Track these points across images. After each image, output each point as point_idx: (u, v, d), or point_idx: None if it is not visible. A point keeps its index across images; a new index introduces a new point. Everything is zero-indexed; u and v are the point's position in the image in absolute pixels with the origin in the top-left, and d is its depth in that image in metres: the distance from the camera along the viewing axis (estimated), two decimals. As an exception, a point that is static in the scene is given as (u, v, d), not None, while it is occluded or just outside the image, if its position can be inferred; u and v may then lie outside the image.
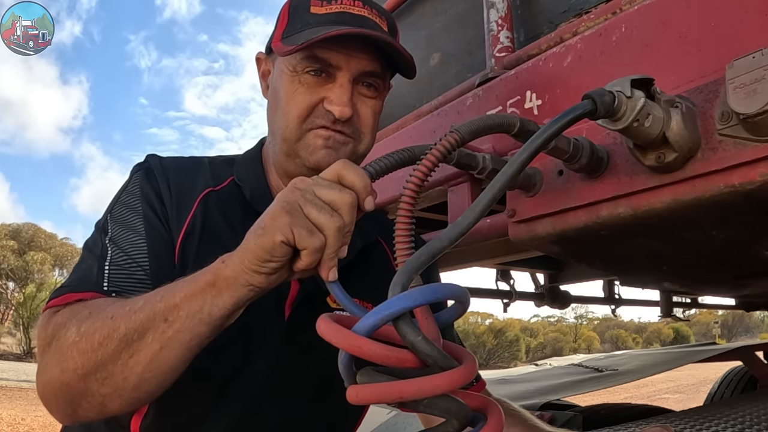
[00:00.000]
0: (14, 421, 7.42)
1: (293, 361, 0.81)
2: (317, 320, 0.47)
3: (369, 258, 0.89)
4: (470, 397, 0.49)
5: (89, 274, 0.73)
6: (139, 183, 0.82)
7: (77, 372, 0.62)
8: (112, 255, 0.75)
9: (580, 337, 33.15)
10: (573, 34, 0.94)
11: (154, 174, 0.83)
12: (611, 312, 3.17)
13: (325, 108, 0.79)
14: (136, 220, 0.78)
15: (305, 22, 0.79)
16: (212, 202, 0.83)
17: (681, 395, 9.09)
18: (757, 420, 1.41)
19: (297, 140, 0.80)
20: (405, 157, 0.62)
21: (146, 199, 0.80)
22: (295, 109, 0.79)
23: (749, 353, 2.76)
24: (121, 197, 0.82)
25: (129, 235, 0.77)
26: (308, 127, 0.80)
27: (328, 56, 0.78)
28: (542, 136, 0.54)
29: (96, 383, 0.62)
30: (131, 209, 0.80)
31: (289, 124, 0.80)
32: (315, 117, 0.80)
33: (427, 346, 0.43)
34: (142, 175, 0.83)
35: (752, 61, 0.58)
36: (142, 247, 0.76)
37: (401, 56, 0.81)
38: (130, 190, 0.82)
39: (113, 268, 0.74)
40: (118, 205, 0.81)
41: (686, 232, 0.80)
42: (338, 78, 0.79)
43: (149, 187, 0.82)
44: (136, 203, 0.80)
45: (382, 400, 0.43)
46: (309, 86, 0.79)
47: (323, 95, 0.79)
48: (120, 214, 0.80)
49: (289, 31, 0.80)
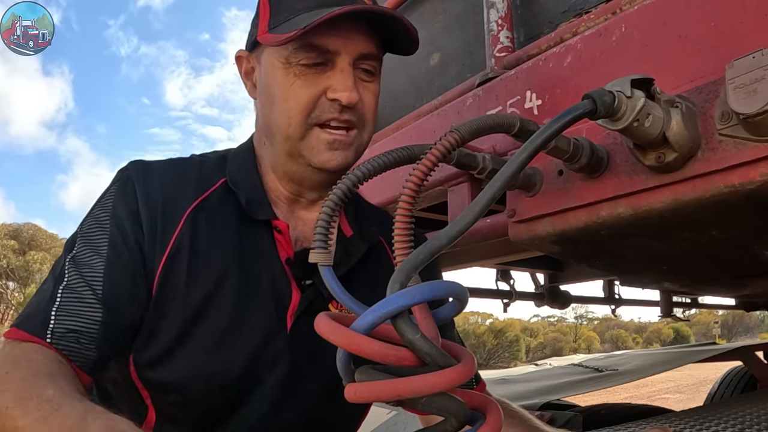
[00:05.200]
0: (14, 421, 7.41)
1: (298, 370, 0.80)
2: (315, 318, 0.47)
3: (370, 257, 0.89)
4: (469, 396, 0.49)
5: (38, 307, 0.71)
6: (113, 199, 0.77)
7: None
8: (69, 278, 0.72)
9: (580, 337, 33.14)
10: (573, 34, 0.94)
11: (133, 187, 0.77)
12: (611, 312, 3.17)
13: (330, 97, 0.75)
14: (102, 239, 0.74)
15: (292, 9, 0.75)
16: (201, 215, 0.78)
17: (681, 395, 9.08)
18: (757, 420, 1.41)
19: (301, 138, 0.76)
20: (404, 156, 0.62)
21: (116, 218, 0.75)
22: (296, 105, 0.75)
23: (749, 353, 2.76)
24: (94, 210, 0.78)
25: (90, 256, 0.73)
26: (313, 122, 0.76)
27: (325, 42, 0.73)
28: (542, 136, 0.54)
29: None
30: (100, 227, 0.75)
31: (292, 121, 0.75)
32: (319, 111, 0.75)
33: (425, 344, 0.43)
34: (118, 188, 0.78)
35: (752, 61, 0.58)
36: (98, 270, 0.72)
37: (406, 31, 0.77)
38: (103, 203, 0.77)
39: (65, 293, 0.71)
40: (89, 218, 0.77)
41: (686, 232, 0.80)
42: (338, 63, 0.75)
43: (123, 204, 0.76)
44: (106, 221, 0.76)
45: (380, 398, 0.43)
46: (307, 78, 0.75)
47: (324, 85, 0.75)
48: (89, 230, 0.76)
49: (276, 21, 0.76)
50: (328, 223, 0.57)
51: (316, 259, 0.57)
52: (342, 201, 0.58)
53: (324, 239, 0.57)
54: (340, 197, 0.57)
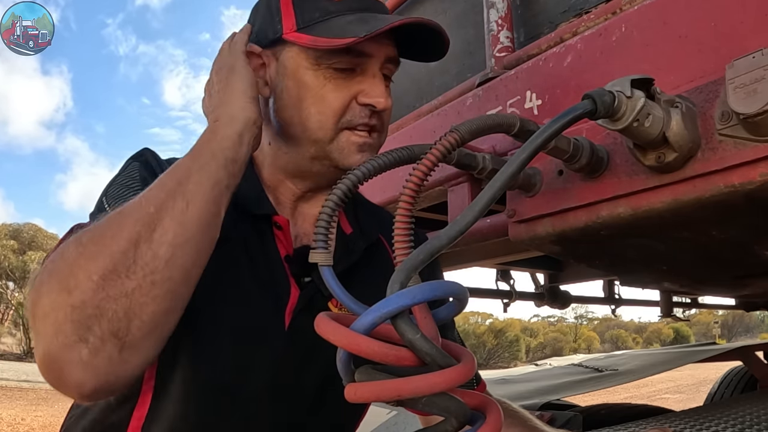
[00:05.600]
0: (14, 421, 7.42)
1: (296, 367, 0.80)
2: (315, 318, 0.47)
3: (371, 257, 0.89)
4: (469, 396, 0.49)
5: None
6: (138, 169, 0.77)
7: (91, 278, 0.53)
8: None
9: (580, 337, 33.15)
10: (573, 34, 0.94)
11: (152, 166, 0.78)
12: (611, 312, 3.17)
13: (362, 102, 0.75)
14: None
15: (324, 10, 0.74)
16: None
17: (681, 395, 9.09)
18: (757, 420, 1.41)
19: (330, 141, 0.76)
20: (404, 156, 0.62)
21: (145, 183, 0.73)
22: (329, 109, 0.75)
23: (749, 353, 2.76)
24: (118, 179, 0.76)
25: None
26: (342, 126, 0.76)
27: (360, 46, 0.73)
28: (542, 136, 0.54)
29: (119, 281, 0.54)
30: (130, 189, 0.74)
31: (324, 125, 0.75)
32: (351, 116, 0.75)
33: (425, 344, 0.43)
34: (140, 163, 0.78)
35: (752, 61, 0.58)
36: None
37: (442, 42, 0.78)
38: (128, 173, 0.77)
39: None
40: (114, 186, 0.75)
41: (686, 232, 0.80)
42: (369, 68, 0.75)
43: (149, 173, 0.76)
44: (136, 185, 0.74)
45: (380, 398, 0.43)
46: (338, 81, 0.75)
47: (356, 89, 0.75)
48: (118, 193, 0.74)
49: (306, 20, 0.75)
50: (329, 222, 0.57)
51: (316, 259, 0.57)
52: (343, 201, 0.58)
53: (324, 239, 0.57)
54: (341, 197, 0.57)
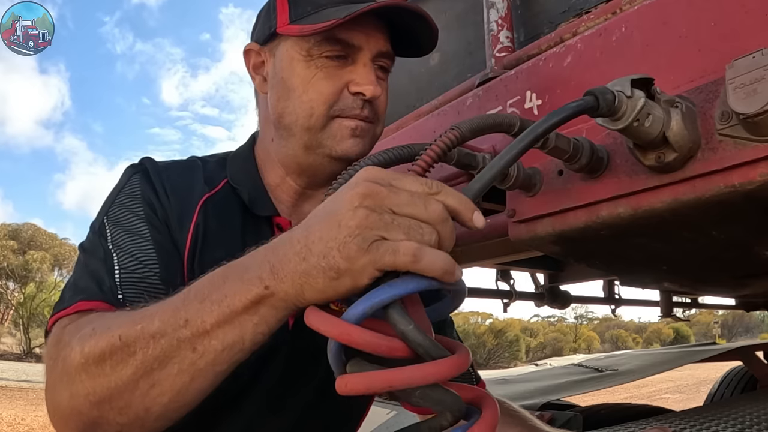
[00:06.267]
0: (14, 421, 7.42)
1: (299, 369, 0.80)
2: (306, 311, 0.46)
3: None
4: (464, 390, 0.48)
5: (99, 280, 0.67)
6: (139, 185, 0.77)
7: (89, 398, 0.55)
8: (120, 260, 0.69)
9: (580, 337, 33.14)
10: (573, 34, 0.93)
11: (151, 178, 0.78)
12: (611, 312, 3.17)
13: (352, 91, 0.76)
14: (139, 223, 0.73)
15: (315, 4, 0.76)
16: (210, 208, 0.79)
17: (681, 395, 9.09)
18: (757, 420, 1.41)
19: (322, 128, 0.77)
20: (404, 154, 0.62)
21: (147, 201, 0.75)
22: (319, 96, 0.76)
23: (749, 353, 2.76)
24: (118, 198, 0.76)
25: (134, 240, 0.71)
26: (333, 114, 0.77)
27: (349, 36, 0.75)
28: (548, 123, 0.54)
29: (112, 412, 0.55)
30: (132, 212, 0.74)
31: (314, 111, 0.76)
32: (342, 104, 0.77)
33: (418, 335, 0.42)
34: (140, 177, 0.78)
35: (752, 61, 0.58)
36: (150, 253, 0.71)
37: (429, 31, 0.79)
38: (128, 191, 0.77)
39: (124, 274, 0.68)
40: (115, 206, 0.75)
41: (686, 232, 0.80)
42: (360, 59, 0.77)
43: (149, 189, 0.76)
44: (137, 206, 0.75)
45: (371, 390, 0.42)
46: (329, 70, 0.76)
47: (347, 79, 0.76)
48: (119, 217, 0.74)
49: (299, 14, 0.77)
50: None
51: None
52: None
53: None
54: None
